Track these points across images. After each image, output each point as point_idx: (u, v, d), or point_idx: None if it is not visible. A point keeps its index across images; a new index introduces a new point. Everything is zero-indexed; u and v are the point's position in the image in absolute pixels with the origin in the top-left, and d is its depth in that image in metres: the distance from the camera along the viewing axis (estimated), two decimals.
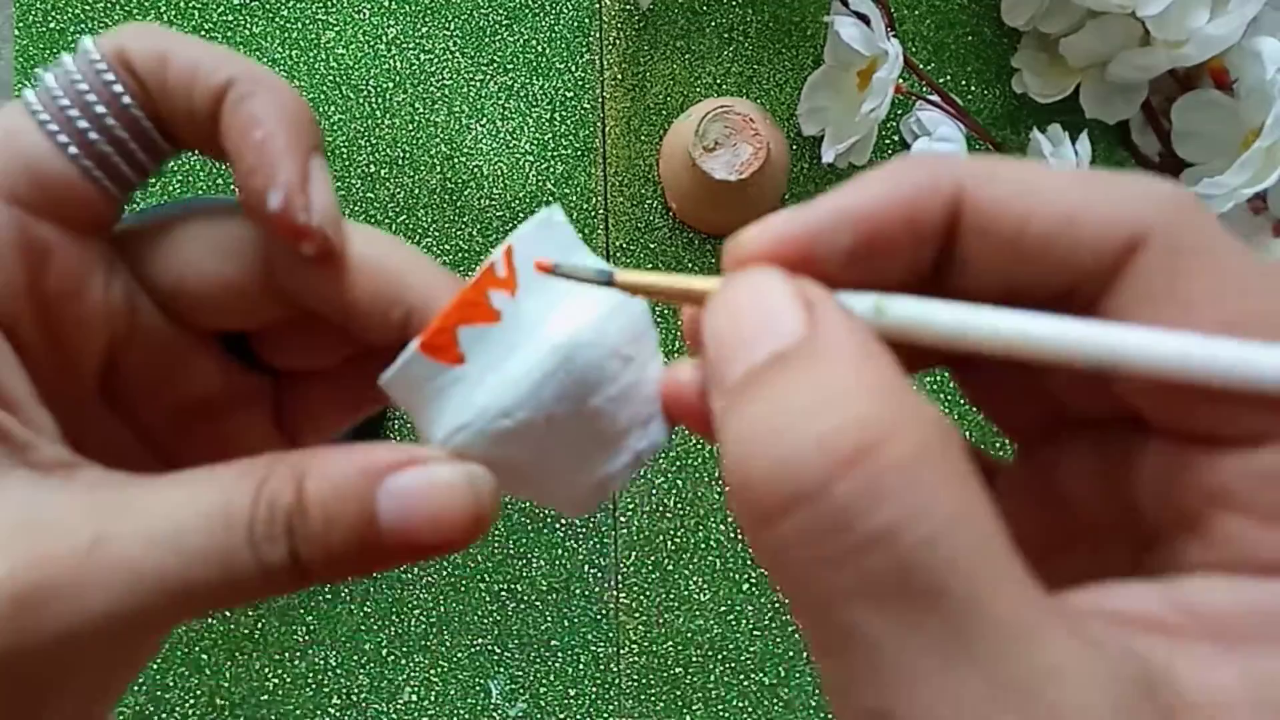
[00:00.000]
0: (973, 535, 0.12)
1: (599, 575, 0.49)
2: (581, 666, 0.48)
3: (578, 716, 0.48)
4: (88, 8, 0.50)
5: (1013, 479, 0.18)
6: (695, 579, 0.49)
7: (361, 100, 0.50)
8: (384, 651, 0.48)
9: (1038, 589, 0.12)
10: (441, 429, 0.17)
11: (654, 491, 0.49)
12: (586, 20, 0.51)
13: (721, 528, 0.49)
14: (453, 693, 0.48)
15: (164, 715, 0.47)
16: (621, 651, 0.49)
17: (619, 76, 0.50)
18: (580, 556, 0.49)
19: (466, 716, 0.48)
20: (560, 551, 0.49)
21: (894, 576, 0.12)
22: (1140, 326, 0.14)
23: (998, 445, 0.50)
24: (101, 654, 0.15)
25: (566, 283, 0.17)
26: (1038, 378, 0.16)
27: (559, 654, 0.48)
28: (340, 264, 0.18)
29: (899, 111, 0.50)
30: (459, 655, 0.48)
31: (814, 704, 0.48)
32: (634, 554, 0.49)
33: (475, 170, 0.50)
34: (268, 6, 0.50)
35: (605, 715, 0.48)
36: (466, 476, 0.16)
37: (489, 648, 0.48)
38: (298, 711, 0.48)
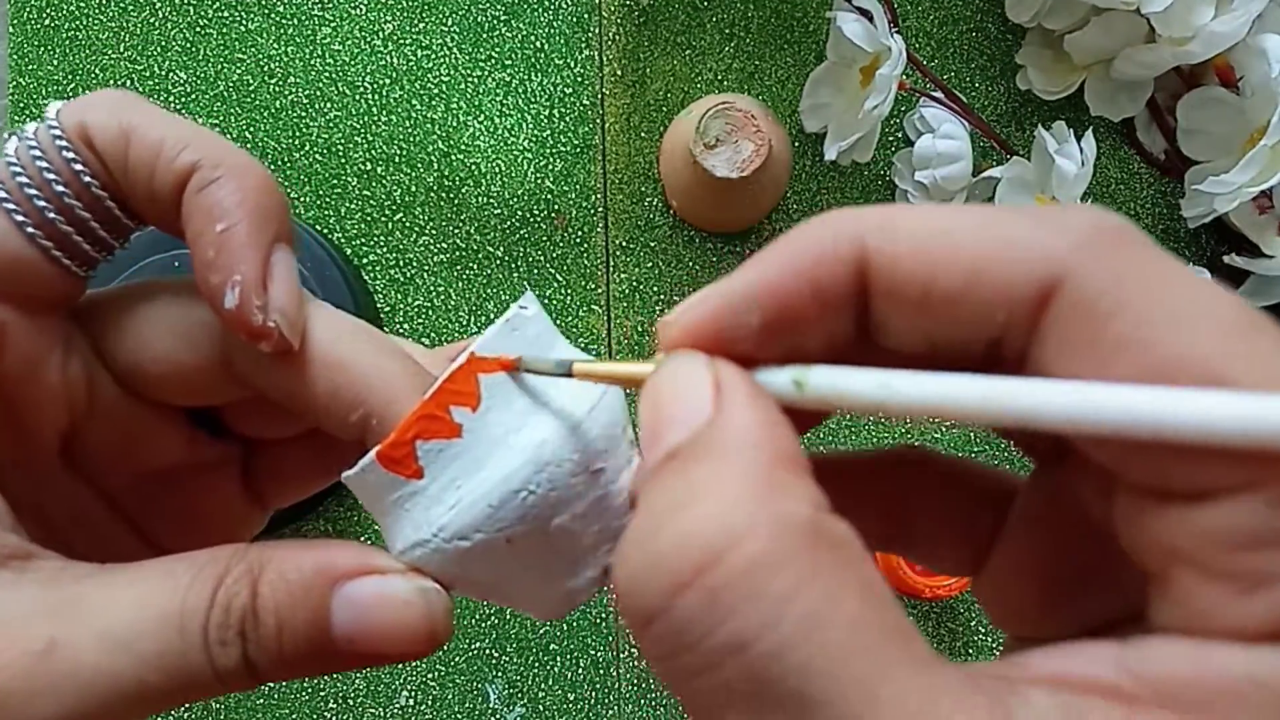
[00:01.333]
0: (834, 633, 0.11)
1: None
2: (580, 670, 0.48)
3: None
4: (82, 4, 0.50)
5: (1032, 497, 0.17)
6: None
7: (358, 97, 0.50)
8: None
9: (927, 668, 0.11)
10: (400, 541, 0.17)
11: None
12: (586, 16, 0.50)
13: None
14: (450, 696, 0.48)
15: (158, 719, 0.47)
16: (620, 655, 0.48)
17: (619, 73, 0.50)
18: None
19: None
20: None
21: (751, 687, 0.11)
22: (1051, 381, 0.13)
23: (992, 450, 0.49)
24: None
25: (534, 391, 0.17)
26: None
27: (557, 658, 0.48)
28: (297, 362, 0.17)
29: (902, 108, 0.49)
30: (456, 659, 0.48)
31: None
32: None
33: (473, 168, 0.49)
34: (264, 3, 0.50)
35: (604, 719, 0.48)
36: (420, 594, 0.16)
37: (487, 651, 0.48)
38: (294, 716, 0.47)
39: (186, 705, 0.47)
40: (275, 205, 0.17)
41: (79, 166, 0.17)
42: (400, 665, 0.47)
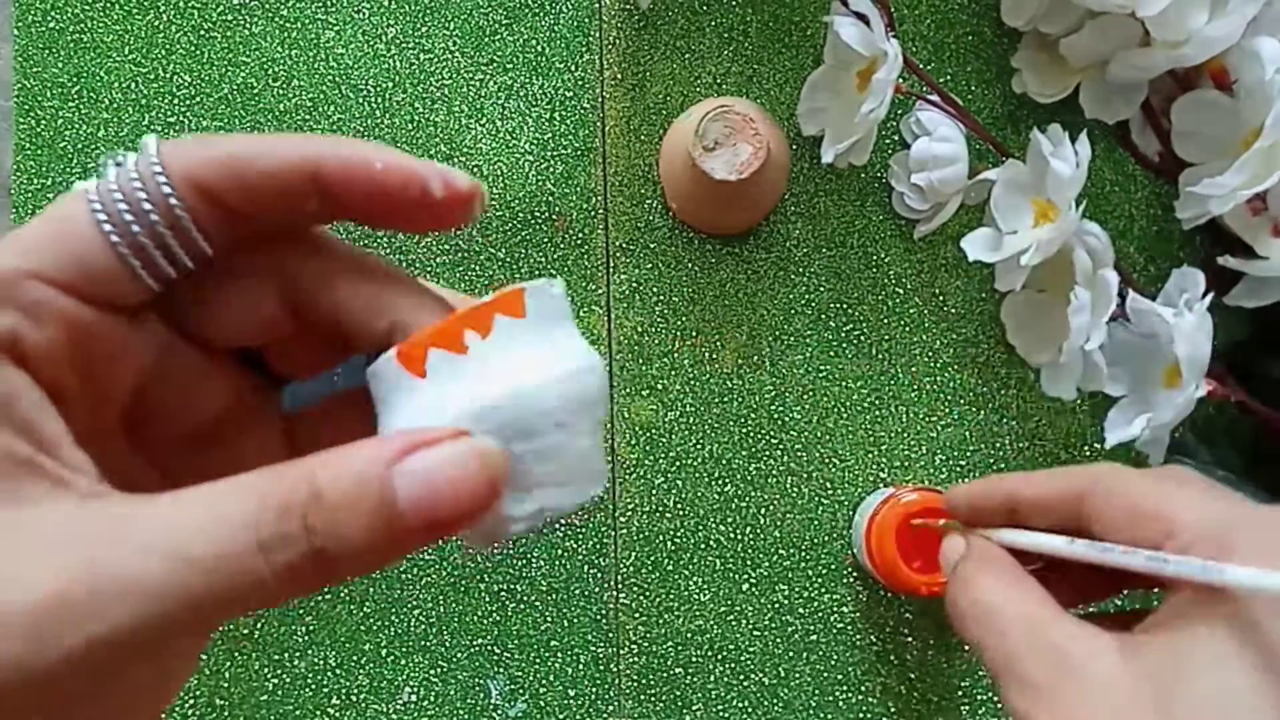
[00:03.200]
0: None
1: (599, 575, 0.49)
2: (581, 667, 0.48)
3: (577, 717, 0.48)
4: (87, 7, 0.50)
5: None
6: (695, 579, 0.49)
7: (361, 100, 0.50)
8: (383, 651, 0.48)
9: None
10: (390, 429, 0.19)
11: (654, 491, 0.49)
12: (586, 20, 0.51)
13: (721, 528, 0.49)
14: (452, 693, 0.48)
15: (163, 714, 0.47)
16: (621, 652, 0.49)
17: (619, 76, 0.50)
18: (580, 556, 0.49)
19: (466, 716, 0.48)
20: (560, 551, 0.49)
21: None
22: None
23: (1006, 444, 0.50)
24: (122, 668, 0.16)
25: (533, 340, 0.20)
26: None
27: (558, 654, 0.48)
28: (351, 276, 0.20)
29: (899, 111, 0.50)
30: (458, 655, 0.48)
31: (813, 704, 0.48)
32: (634, 554, 0.49)
33: (475, 170, 0.50)
34: (267, 6, 0.50)
35: (605, 715, 0.48)
36: (472, 448, 0.18)
37: (488, 648, 0.48)
38: (297, 711, 0.48)
39: (191, 697, 0.47)
40: (392, 150, 0.20)
41: (174, 200, 0.18)
42: (402, 662, 0.48)
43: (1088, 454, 0.50)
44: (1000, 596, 0.25)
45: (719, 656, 0.49)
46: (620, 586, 0.49)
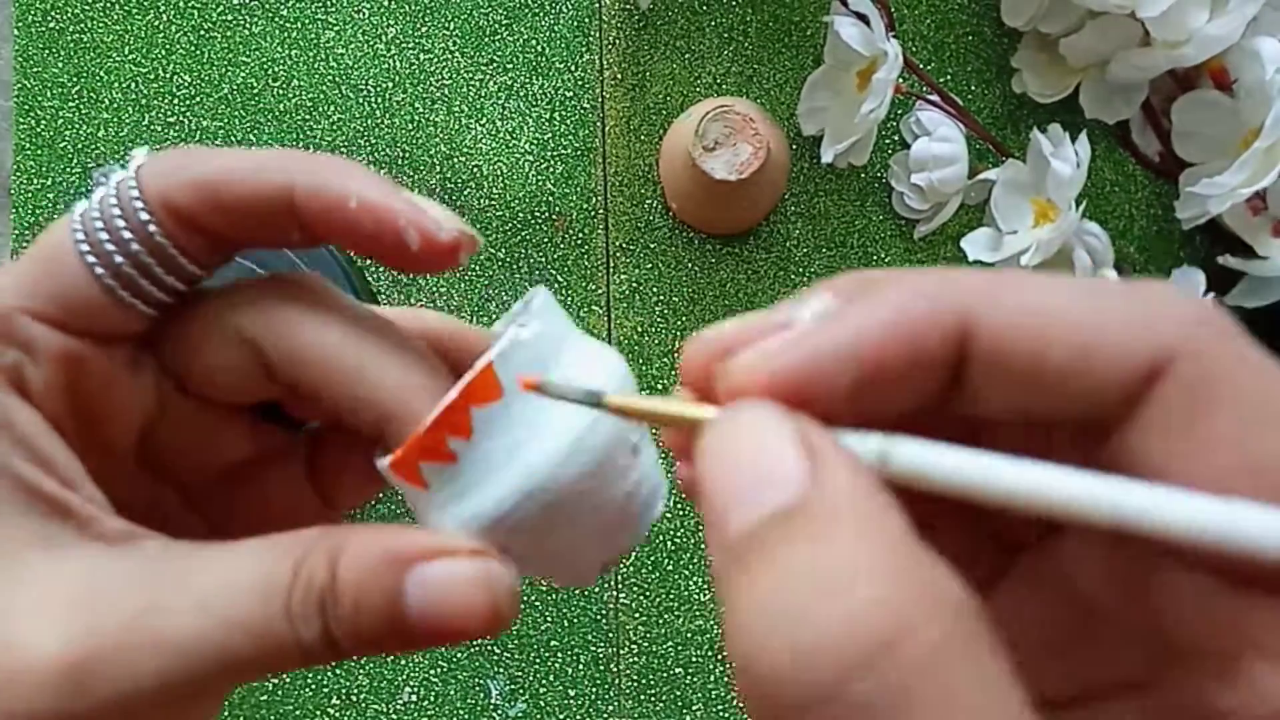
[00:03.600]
0: None
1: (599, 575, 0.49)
2: (581, 667, 0.48)
3: (577, 717, 0.48)
4: (86, 7, 0.50)
5: (1024, 570, 0.17)
6: (695, 579, 0.49)
7: (361, 100, 0.50)
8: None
9: None
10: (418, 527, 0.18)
11: None
12: (586, 20, 0.51)
13: None
14: (452, 692, 0.48)
15: None
16: (621, 652, 0.49)
17: (619, 76, 0.50)
18: None
19: (466, 716, 0.48)
20: None
21: None
22: (1160, 488, 0.13)
23: None
24: None
25: (524, 418, 0.17)
26: None
27: (558, 654, 0.48)
28: (320, 365, 0.18)
29: (899, 111, 0.50)
30: (458, 655, 0.48)
31: None
32: (634, 554, 0.49)
33: (475, 170, 0.50)
34: (267, 6, 0.50)
35: (605, 715, 0.48)
36: (484, 574, 0.17)
37: (488, 648, 0.48)
38: (297, 711, 0.48)
39: None
40: (377, 177, 0.18)
41: (152, 228, 0.18)
42: (402, 662, 0.48)
43: None
44: (966, 659, 0.13)
45: (719, 656, 0.49)
46: (620, 586, 0.49)
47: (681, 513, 0.49)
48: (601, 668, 0.48)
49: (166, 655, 0.15)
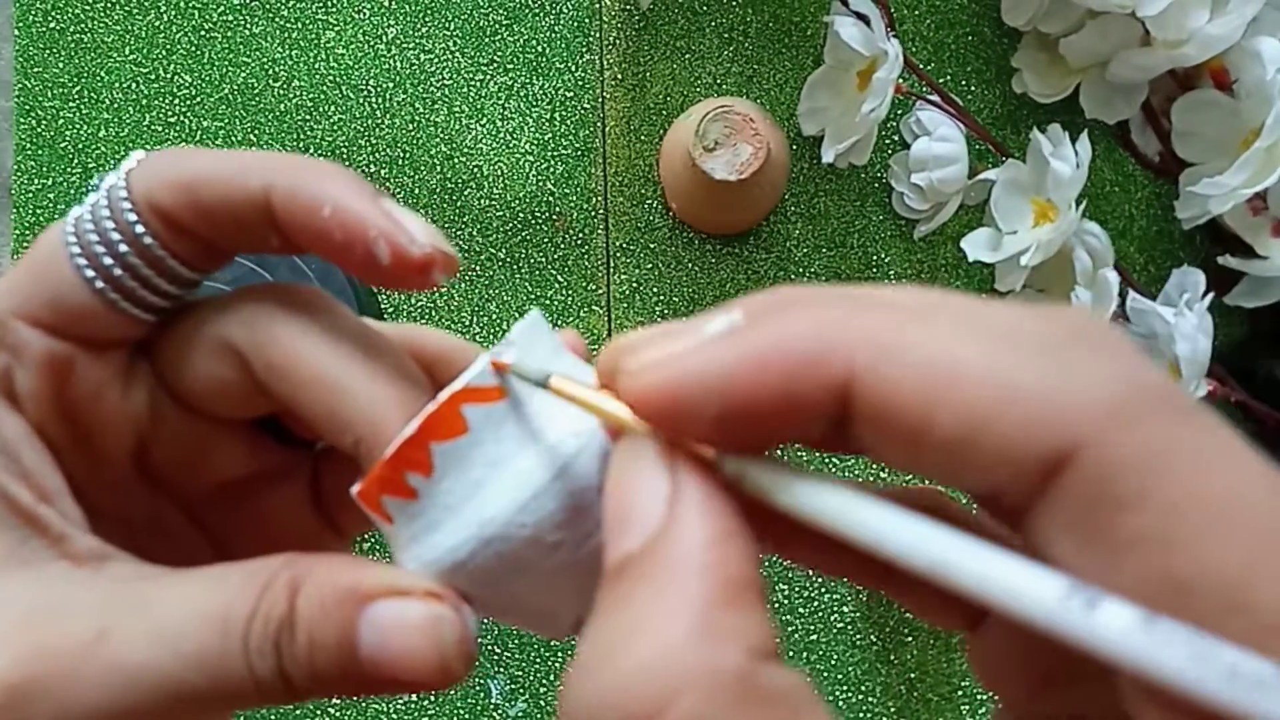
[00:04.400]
0: None
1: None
2: None
3: None
4: (87, 7, 0.50)
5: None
6: None
7: (361, 100, 0.50)
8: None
9: None
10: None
11: None
12: (586, 20, 0.51)
13: None
14: (452, 692, 0.48)
15: None
16: None
17: (619, 76, 0.50)
18: None
19: (466, 716, 0.48)
20: None
21: None
22: (1020, 563, 0.11)
23: None
24: None
25: (488, 456, 0.16)
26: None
27: (559, 654, 0.48)
28: (301, 382, 0.18)
29: (899, 111, 0.50)
30: None
31: None
32: None
33: (475, 170, 0.50)
34: (267, 6, 0.50)
35: None
36: (431, 620, 0.16)
37: (488, 647, 0.48)
38: (297, 711, 0.48)
39: None
40: (359, 182, 0.17)
41: (140, 229, 0.17)
42: None
43: None
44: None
45: None
46: None
47: None
48: None
49: (114, 683, 0.15)
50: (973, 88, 0.51)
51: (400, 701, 0.48)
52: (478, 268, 0.50)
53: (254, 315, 0.18)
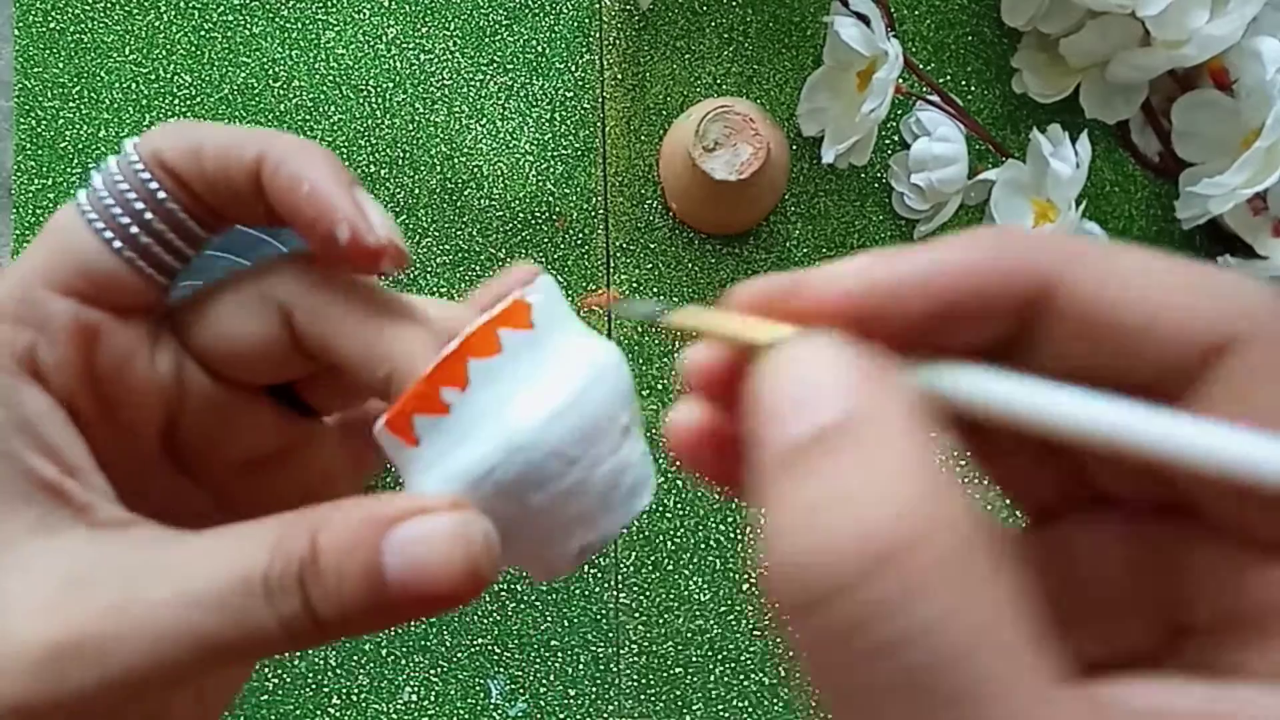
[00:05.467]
0: (999, 641, 0.12)
1: (599, 575, 0.49)
2: (581, 666, 0.48)
3: (578, 716, 0.48)
4: (87, 7, 0.50)
5: (1021, 546, 0.17)
6: (695, 579, 0.49)
7: (361, 100, 0.50)
8: (383, 651, 0.48)
9: (1070, 693, 0.12)
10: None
11: (654, 491, 0.49)
12: (586, 20, 0.51)
13: (721, 528, 0.49)
14: (452, 692, 0.48)
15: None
16: (621, 651, 0.49)
17: (619, 76, 0.50)
18: None
19: (466, 716, 0.48)
20: None
21: (920, 677, 0.12)
22: (1220, 424, 0.13)
23: None
24: (130, 705, 0.16)
25: (518, 375, 0.18)
26: (1070, 452, 0.15)
27: (559, 654, 0.48)
28: (344, 321, 0.19)
29: (899, 112, 0.50)
30: (459, 655, 0.48)
31: (814, 704, 0.48)
32: (634, 554, 0.49)
33: (475, 170, 0.50)
34: (267, 6, 0.50)
35: (605, 715, 0.48)
36: (461, 527, 0.16)
37: (489, 647, 0.48)
38: (297, 711, 0.48)
39: None
40: (341, 168, 0.19)
41: (154, 186, 0.18)
42: (402, 662, 0.48)
43: None
44: (975, 575, 0.13)
45: (719, 656, 0.49)
46: (620, 586, 0.49)
47: (681, 513, 0.49)
48: (601, 668, 0.48)
49: (147, 642, 0.16)
50: (973, 88, 0.51)
51: (400, 702, 0.48)
52: (478, 268, 0.50)
53: (294, 274, 0.19)
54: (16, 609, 0.16)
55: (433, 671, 0.48)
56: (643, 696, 0.48)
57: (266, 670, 0.48)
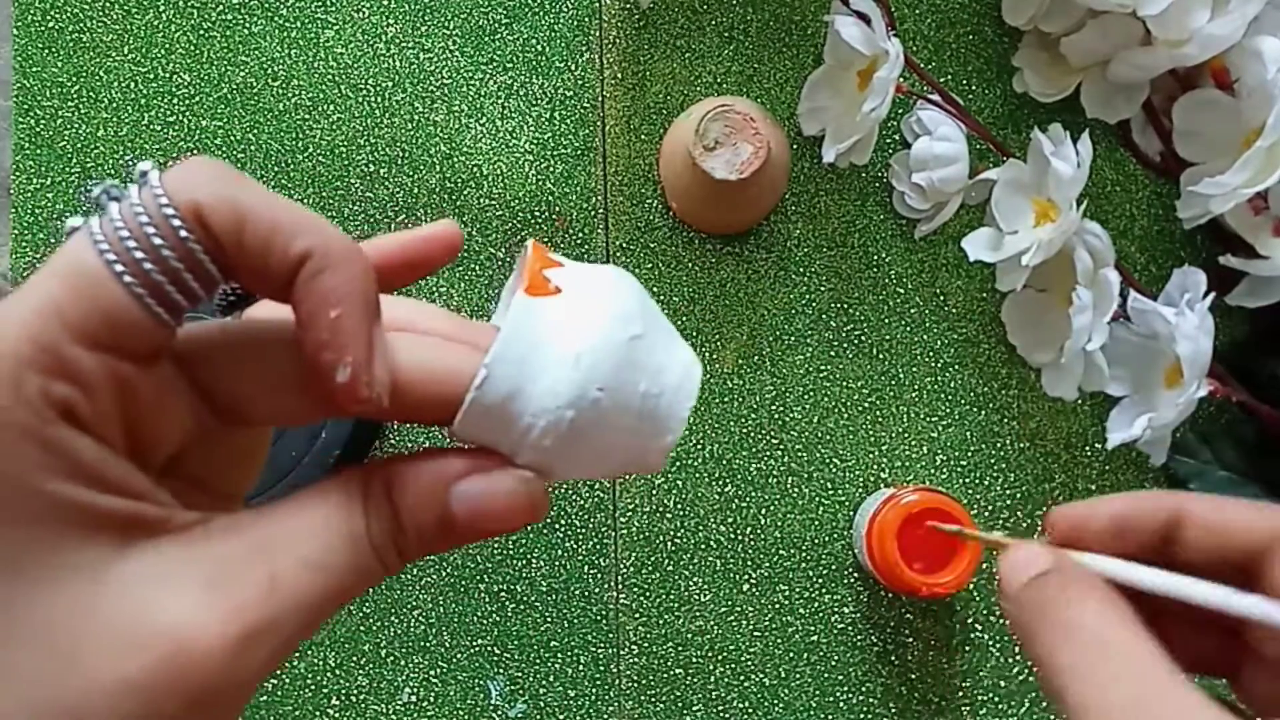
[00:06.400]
0: None
1: (599, 575, 0.49)
2: (581, 667, 0.48)
3: (577, 717, 0.48)
4: (86, 7, 0.50)
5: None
6: (695, 579, 0.49)
7: (360, 99, 0.50)
8: (383, 652, 0.48)
9: None
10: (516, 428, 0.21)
11: (654, 491, 0.49)
12: (586, 19, 0.50)
13: (722, 528, 0.49)
14: (452, 693, 0.48)
15: None
16: (621, 652, 0.48)
17: (619, 75, 0.50)
18: (580, 557, 0.49)
19: (466, 717, 0.48)
20: (560, 552, 0.49)
21: None
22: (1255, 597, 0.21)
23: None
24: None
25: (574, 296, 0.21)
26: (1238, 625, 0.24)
27: (558, 655, 0.48)
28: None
29: (899, 111, 0.50)
30: (458, 656, 0.48)
31: (814, 705, 0.48)
32: (634, 554, 0.49)
33: (474, 169, 0.50)
34: (267, 5, 0.50)
35: (605, 716, 0.48)
36: (521, 482, 0.21)
37: (488, 648, 0.48)
38: (297, 712, 0.48)
39: None
40: (374, 291, 0.19)
41: (185, 234, 0.18)
42: (402, 663, 0.48)
43: (1088, 454, 0.49)
44: (1109, 632, 0.21)
45: (719, 657, 0.48)
46: (620, 586, 0.49)
47: (681, 513, 0.49)
48: (601, 668, 0.48)
49: (299, 611, 0.18)
50: (973, 87, 0.51)
51: (399, 703, 0.48)
52: (477, 267, 0.50)
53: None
54: (190, 623, 0.18)
55: (432, 672, 0.48)
56: (643, 697, 0.48)
57: None
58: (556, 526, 0.49)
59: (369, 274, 0.19)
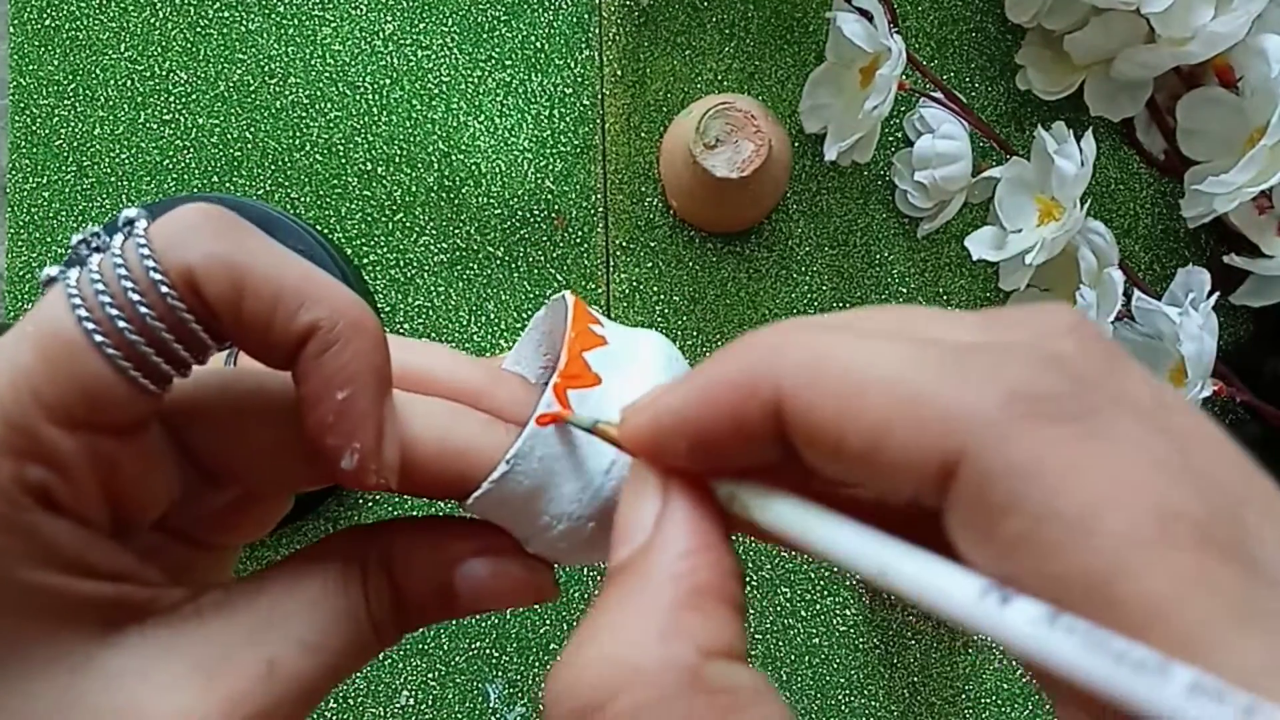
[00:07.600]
0: None
1: (598, 578, 0.48)
2: None
3: None
4: (82, 4, 0.50)
5: None
6: None
7: (358, 97, 0.50)
8: (381, 654, 0.48)
9: None
10: (537, 522, 0.20)
11: None
12: (586, 16, 0.50)
13: None
14: (450, 696, 0.48)
15: None
16: None
17: (619, 73, 0.50)
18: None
19: None
20: None
21: None
22: (955, 572, 0.12)
23: None
24: None
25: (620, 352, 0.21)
26: None
27: (557, 658, 0.48)
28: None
29: (902, 109, 0.49)
30: (456, 658, 0.48)
31: (815, 707, 0.48)
32: None
33: (473, 168, 0.49)
34: (264, 3, 0.50)
35: None
36: (527, 569, 0.20)
37: (487, 651, 0.48)
38: None
39: None
40: (387, 364, 0.17)
41: (174, 302, 0.16)
42: (400, 666, 0.48)
43: None
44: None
45: None
46: None
47: None
48: None
49: (301, 694, 0.18)
50: (976, 85, 0.50)
51: (397, 706, 0.48)
52: (475, 266, 0.49)
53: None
54: (187, 716, 0.17)
55: (430, 675, 0.48)
56: None
57: None
58: None
59: (381, 347, 0.17)
